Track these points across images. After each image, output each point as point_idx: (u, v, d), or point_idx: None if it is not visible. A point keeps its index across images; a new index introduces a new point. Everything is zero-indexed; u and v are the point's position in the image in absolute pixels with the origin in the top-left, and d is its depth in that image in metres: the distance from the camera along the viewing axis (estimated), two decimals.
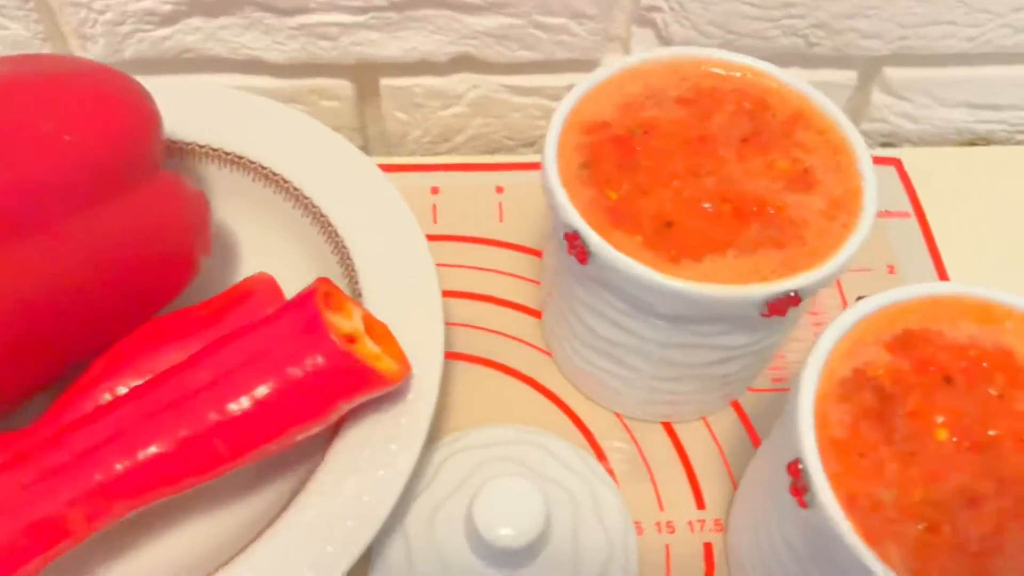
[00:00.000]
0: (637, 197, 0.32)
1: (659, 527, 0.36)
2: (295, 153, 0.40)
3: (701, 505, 0.37)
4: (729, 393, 0.39)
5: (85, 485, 0.29)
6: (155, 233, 0.34)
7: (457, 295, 0.43)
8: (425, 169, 0.48)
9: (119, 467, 0.29)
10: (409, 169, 0.47)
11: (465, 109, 0.51)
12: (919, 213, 0.46)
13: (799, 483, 0.26)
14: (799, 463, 0.26)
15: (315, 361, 0.30)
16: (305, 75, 0.49)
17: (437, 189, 0.47)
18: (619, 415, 0.39)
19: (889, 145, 0.55)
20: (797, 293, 0.30)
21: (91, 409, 0.31)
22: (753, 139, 0.34)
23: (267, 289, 0.35)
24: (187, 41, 0.47)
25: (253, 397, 0.30)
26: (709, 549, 0.36)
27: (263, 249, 0.41)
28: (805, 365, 0.28)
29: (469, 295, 0.43)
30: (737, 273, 0.30)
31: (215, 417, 0.30)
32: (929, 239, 0.45)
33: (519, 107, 0.51)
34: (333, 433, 0.34)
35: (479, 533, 0.31)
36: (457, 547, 0.33)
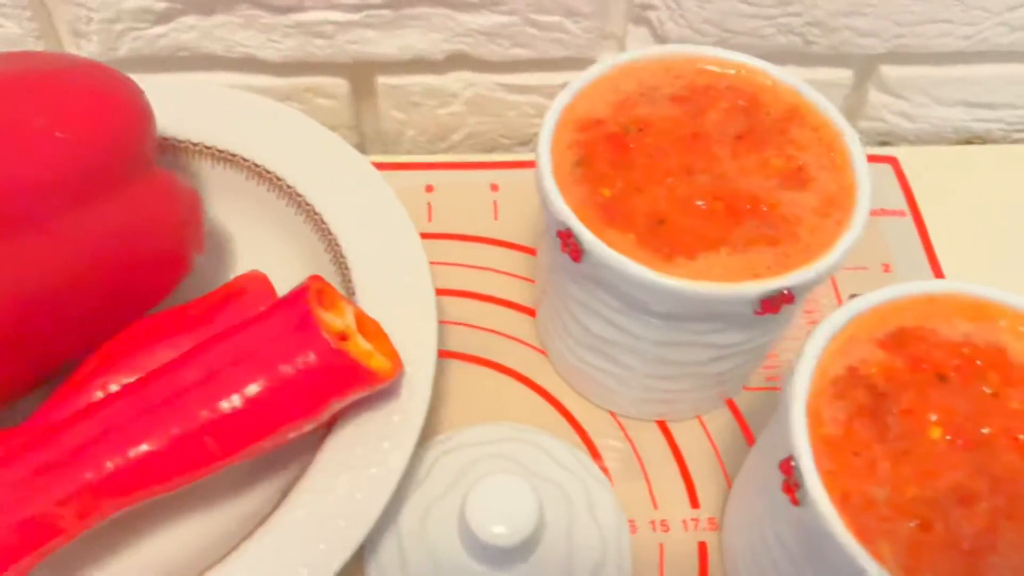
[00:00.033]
0: (631, 195, 0.32)
1: (653, 526, 0.36)
2: (289, 151, 0.40)
3: (695, 504, 0.37)
4: (724, 392, 0.39)
5: (76, 483, 0.29)
6: (148, 230, 0.34)
7: (451, 293, 0.43)
8: (420, 167, 0.48)
9: (110, 465, 0.29)
10: (404, 167, 0.47)
11: (461, 107, 0.51)
12: (915, 212, 0.46)
13: (791, 481, 0.26)
14: (791, 461, 0.26)
15: (307, 359, 0.30)
16: (301, 73, 0.49)
17: (432, 187, 0.46)
18: (613, 414, 0.39)
19: (886, 144, 0.55)
20: (790, 291, 0.30)
21: (83, 407, 0.31)
22: (747, 136, 0.34)
23: (260, 287, 0.35)
24: (182, 39, 0.46)
25: (244, 395, 0.29)
26: (703, 548, 0.36)
27: (257, 247, 0.41)
28: (798, 362, 0.28)
29: (464, 293, 0.43)
30: (730, 271, 0.30)
31: (206, 415, 0.29)
32: (925, 238, 0.45)
33: (515, 105, 0.51)
34: (326, 431, 0.34)
35: (472, 531, 0.31)
36: (450, 545, 0.33)
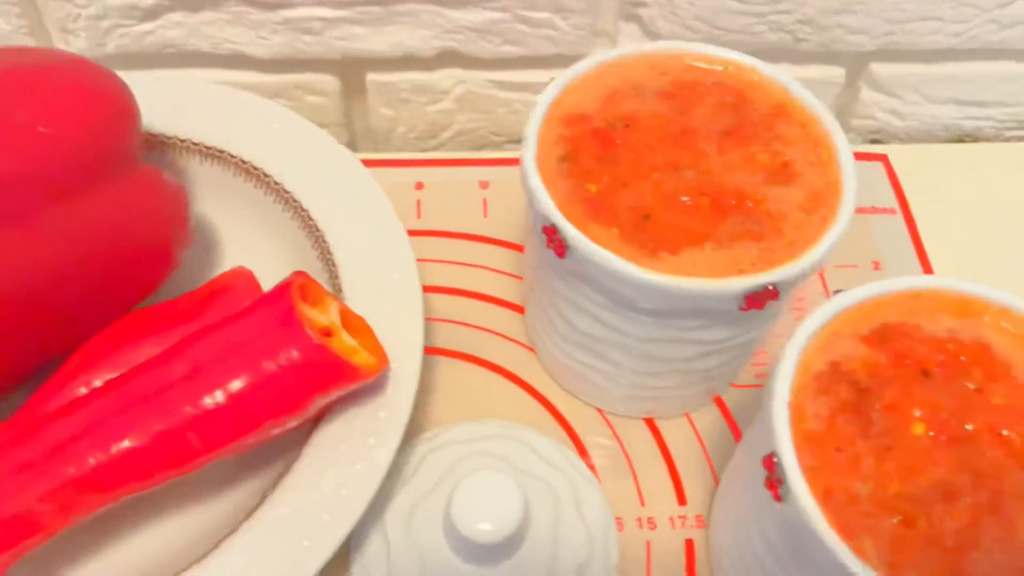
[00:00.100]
0: (616, 190, 0.32)
1: (640, 523, 0.36)
2: (276, 148, 0.40)
3: (683, 501, 0.37)
4: (711, 389, 0.38)
5: (58, 479, 0.29)
6: (133, 226, 0.34)
7: (440, 290, 0.43)
8: (410, 164, 0.47)
9: (92, 461, 0.29)
10: (393, 164, 0.47)
11: (451, 105, 0.51)
12: (905, 209, 0.46)
13: (774, 477, 0.26)
14: (774, 457, 0.26)
15: (290, 355, 0.30)
16: (290, 70, 0.49)
17: (422, 184, 0.46)
18: (601, 411, 0.39)
19: (877, 142, 0.55)
20: (775, 286, 0.30)
21: (67, 402, 0.31)
22: (734, 132, 0.34)
23: (245, 283, 0.35)
24: (169, 36, 0.46)
25: (227, 391, 0.29)
26: (690, 545, 0.36)
27: (244, 244, 0.41)
28: (781, 358, 0.28)
29: (452, 290, 0.43)
30: (715, 266, 0.30)
31: (189, 411, 0.29)
32: (915, 235, 0.45)
33: (505, 102, 0.51)
34: (312, 427, 0.34)
35: (457, 528, 0.31)
36: (436, 542, 0.33)
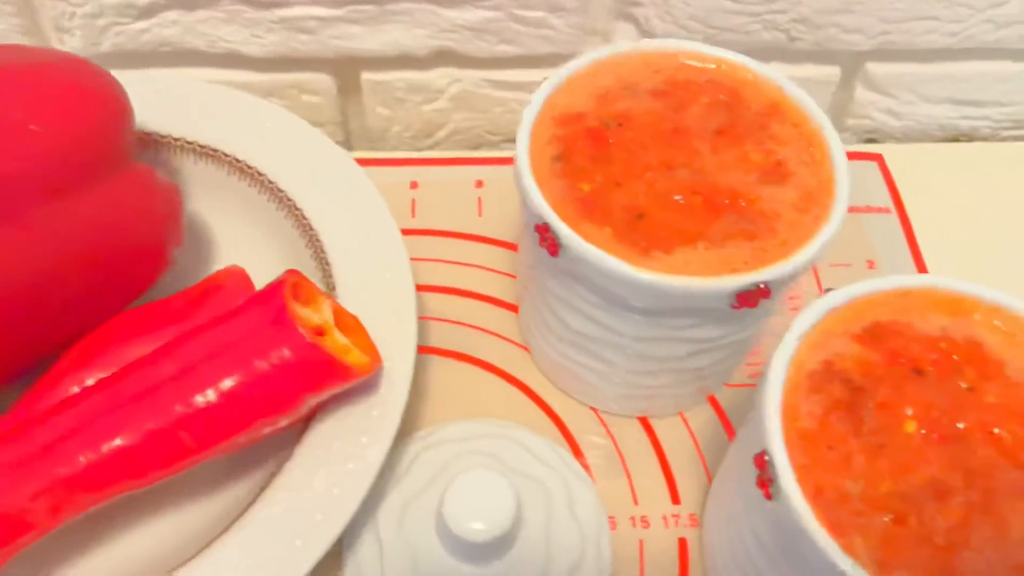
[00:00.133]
0: (609, 189, 0.32)
1: (633, 522, 0.36)
2: (271, 147, 0.40)
3: (676, 500, 0.37)
4: (705, 387, 0.38)
5: (49, 478, 0.29)
6: (125, 225, 0.34)
7: (434, 289, 0.42)
8: (404, 163, 0.47)
9: (83, 460, 0.29)
10: (388, 163, 0.47)
11: (446, 104, 0.51)
12: (900, 209, 0.46)
13: (765, 475, 0.26)
14: (765, 455, 0.26)
15: (281, 353, 0.30)
16: (285, 69, 0.49)
17: (416, 184, 0.46)
18: (595, 410, 0.39)
19: (873, 141, 0.55)
20: (766, 285, 0.30)
21: (58, 401, 0.31)
22: (727, 131, 0.34)
23: (238, 282, 0.35)
24: (165, 34, 0.46)
25: (219, 389, 0.29)
26: (683, 544, 0.36)
27: (238, 243, 0.41)
28: (773, 356, 0.28)
29: (446, 289, 0.43)
30: (707, 265, 0.30)
31: (181, 409, 0.29)
32: (909, 234, 0.45)
33: (500, 102, 0.51)
34: (305, 426, 0.33)
35: (449, 527, 0.31)
36: (428, 541, 0.33)
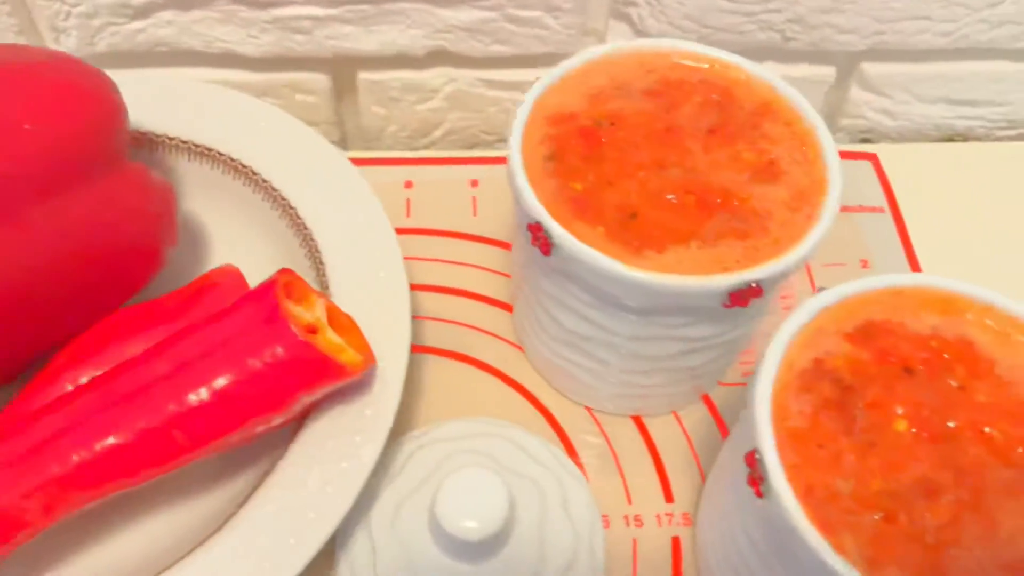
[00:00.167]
0: (602, 188, 0.32)
1: (627, 521, 0.36)
2: (265, 146, 0.40)
3: (670, 499, 0.37)
4: (699, 386, 0.38)
5: (42, 476, 0.29)
6: (119, 224, 0.34)
7: (429, 289, 0.43)
8: (400, 163, 0.47)
9: (76, 458, 0.29)
10: (383, 163, 0.47)
11: (442, 103, 0.51)
12: (893, 208, 0.46)
13: (756, 473, 0.26)
14: (756, 453, 0.26)
15: (274, 352, 0.30)
16: (280, 69, 0.49)
17: (411, 183, 0.46)
18: (589, 409, 0.39)
19: (868, 141, 0.55)
20: (758, 284, 0.30)
21: (52, 400, 0.31)
22: (720, 130, 0.34)
23: (232, 281, 0.35)
24: (160, 34, 0.46)
25: (212, 388, 0.29)
26: (677, 543, 0.36)
27: (232, 242, 0.41)
28: (764, 355, 0.28)
29: (441, 289, 0.43)
30: (699, 264, 0.30)
31: (174, 408, 0.29)
32: (903, 234, 0.45)
33: (496, 101, 0.51)
34: (299, 425, 0.34)
35: (441, 525, 0.31)
36: (421, 540, 0.33)
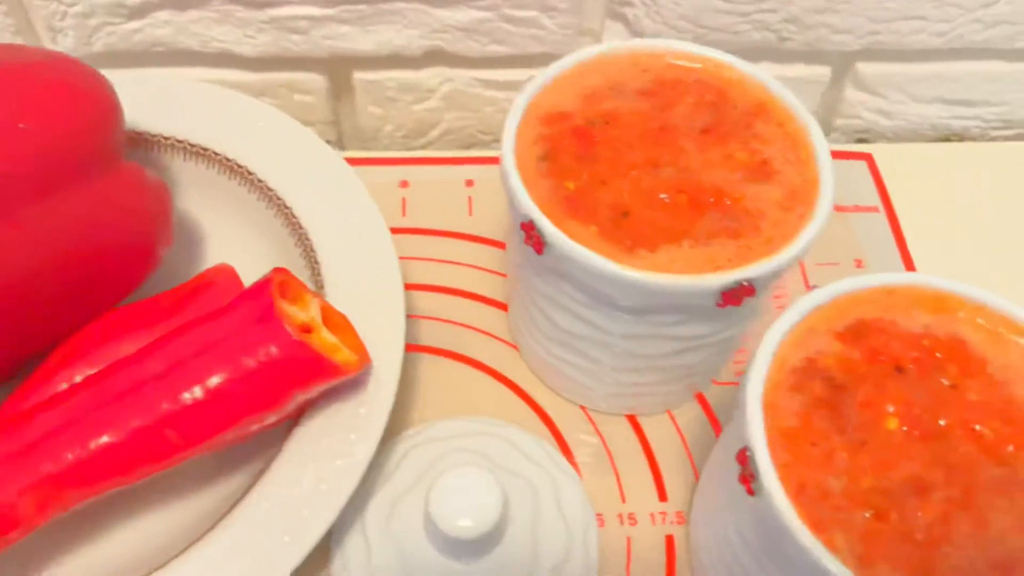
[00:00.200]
0: (595, 187, 0.32)
1: (621, 519, 0.36)
2: (261, 146, 0.40)
3: (663, 497, 0.37)
4: (693, 385, 0.39)
5: (36, 474, 0.29)
6: (115, 223, 0.34)
7: (424, 288, 0.43)
8: (395, 163, 0.48)
9: (70, 456, 0.29)
10: (379, 163, 0.47)
11: (438, 103, 0.51)
12: (888, 208, 0.46)
13: (747, 471, 0.26)
14: (747, 451, 0.26)
15: (268, 351, 0.30)
16: (277, 69, 0.49)
17: (407, 183, 0.47)
18: (584, 408, 0.39)
19: (864, 141, 0.55)
20: (750, 283, 0.30)
21: (46, 398, 0.31)
22: (713, 130, 0.34)
23: (227, 280, 0.35)
24: (157, 34, 0.47)
25: (206, 386, 0.29)
26: (670, 541, 0.36)
27: (228, 242, 0.41)
28: (755, 353, 0.28)
29: (437, 288, 0.43)
30: (692, 263, 0.30)
31: (168, 406, 0.29)
32: (898, 234, 0.45)
33: (492, 101, 0.51)
34: (293, 423, 0.34)
35: (435, 523, 0.31)
36: (415, 538, 0.33)
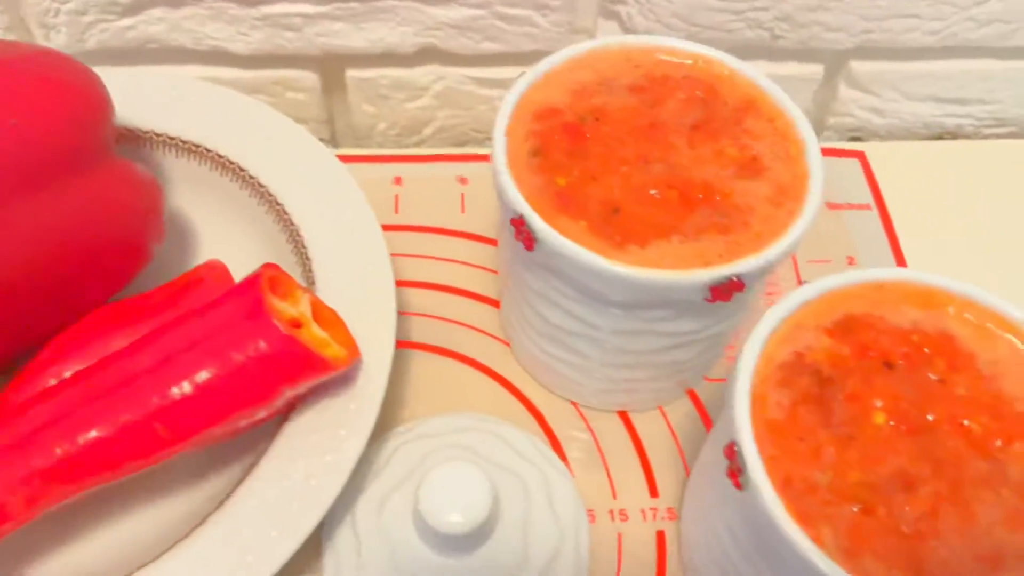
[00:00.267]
0: (585, 183, 0.32)
1: (612, 515, 0.36)
2: (253, 142, 0.40)
3: (655, 494, 0.37)
4: (683, 381, 0.39)
5: (25, 469, 0.29)
6: (105, 219, 0.34)
7: (417, 285, 0.43)
8: (388, 160, 0.48)
9: (59, 451, 0.29)
10: (373, 160, 0.47)
11: (431, 101, 0.51)
12: (880, 205, 0.46)
13: (734, 465, 0.26)
14: (735, 446, 0.26)
15: (257, 346, 0.30)
16: (270, 66, 0.49)
17: (400, 180, 0.47)
18: (576, 404, 0.39)
19: (857, 139, 0.55)
20: (739, 278, 0.30)
21: (34, 393, 0.31)
22: (703, 126, 0.34)
23: (218, 276, 0.35)
24: (150, 31, 0.47)
25: (194, 381, 0.30)
26: (661, 537, 0.36)
27: (219, 238, 0.41)
28: (743, 348, 0.28)
29: (429, 285, 0.43)
30: (681, 258, 0.30)
31: (157, 401, 0.29)
32: (890, 231, 0.46)
33: (485, 99, 0.51)
34: (284, 419, 0.34)
35: (424, 519, 0.31)
36: (405, 534, 0.33)
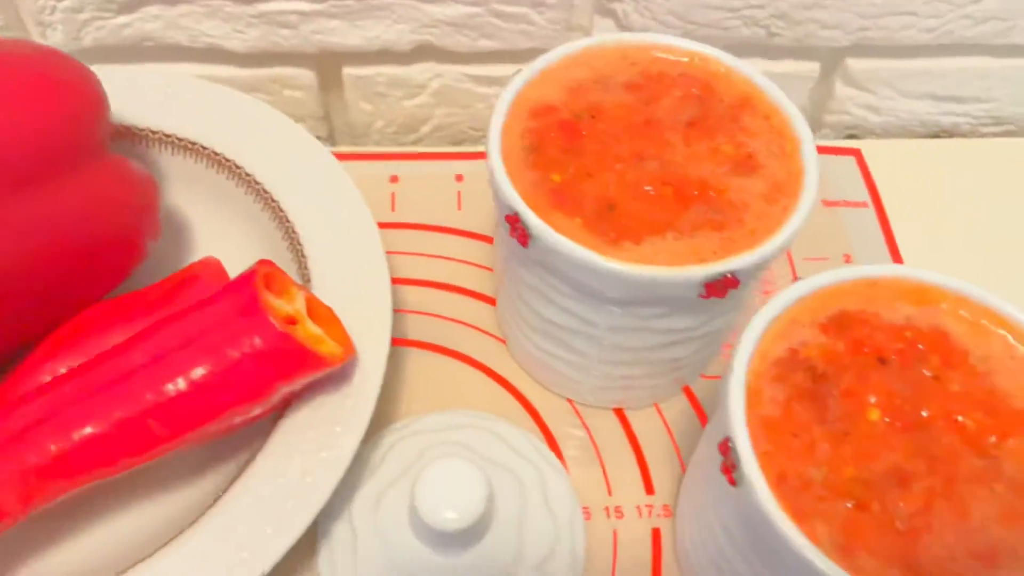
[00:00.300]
0: (581, 180, 0.32)
1: (607, 512, 0.36)
2: (249, 140, 0.40)
3: (650, 491, 0.37)
4: (680, 378, 0.39)
5: (19, 465, 0.29)
6: (100, 216, 0.34)
7: (413, 282, 0.43)
8: (386, 158, 0.48)
9: (54, 447, 0.29)
10: (369, 158, 0.47)
11: (429, 99, 0.51)
12: (877, 203, 0.46)
13: (728, 461, 0.27)
14: (729, 441, 0.26)
15: (253, 342, 0.30)
16: (266, 64, 0.49)
17: (397, 177, 0.47)
18: (571, 401, 0.39)
19: (853, 137, 0.55)
20: (734, 275, 0.30)
21: (30, 390, 0.31)
22: (699, 123, 0.34)
23: (213, 273, 0.35)
24: (146, 29, 0.47)
25: (189, 378, 0.30)
26: (657, 534, 0.36)
27: (215, 236, 0.41)
28: (738, 344, 0.28)
29: (425, 282, 0.43)
30: (676, 255, 0.30)
31: (151, 398, 0.29)
32: (886, 229, 0.46)
33: (482, 97, 0.51)
34: (279, 416, 0.34)
35: (419, 515, 0.31)
36: (401, 530, 0.33)
